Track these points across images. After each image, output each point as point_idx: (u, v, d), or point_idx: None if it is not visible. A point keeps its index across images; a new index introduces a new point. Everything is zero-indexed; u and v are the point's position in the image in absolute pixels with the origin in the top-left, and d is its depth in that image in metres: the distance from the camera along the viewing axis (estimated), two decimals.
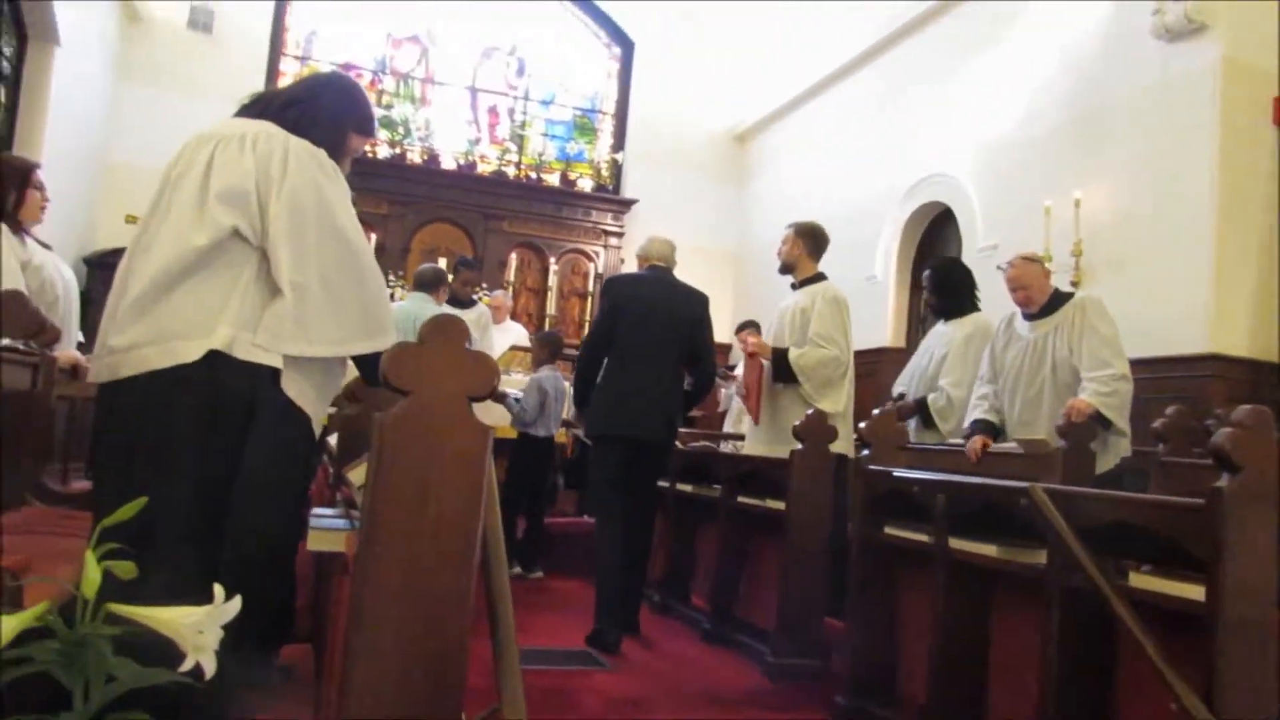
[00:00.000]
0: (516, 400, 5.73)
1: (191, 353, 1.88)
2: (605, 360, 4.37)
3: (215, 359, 1.89)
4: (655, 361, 4.31)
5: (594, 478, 4.46)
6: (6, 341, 2.71)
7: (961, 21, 6.89)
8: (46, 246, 3.42)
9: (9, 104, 6.81)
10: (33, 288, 3.13)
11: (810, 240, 4.60)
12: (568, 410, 6.44)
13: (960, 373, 4.44)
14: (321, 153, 2.08)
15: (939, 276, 4.71)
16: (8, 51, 6.72)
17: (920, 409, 4.54)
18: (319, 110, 2.16)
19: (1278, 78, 4.88)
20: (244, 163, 1.98)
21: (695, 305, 4.47)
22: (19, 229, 3.22)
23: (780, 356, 4.42)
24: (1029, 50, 6.18)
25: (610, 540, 4.21)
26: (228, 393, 1.90)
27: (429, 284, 5.72)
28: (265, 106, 2.15)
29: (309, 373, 2.00)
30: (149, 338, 1.89)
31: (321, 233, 2.00)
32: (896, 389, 4.84)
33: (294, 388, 1.97)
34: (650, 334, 4.31)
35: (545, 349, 6.04)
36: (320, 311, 1.97)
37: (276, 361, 1.93)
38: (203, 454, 1.87)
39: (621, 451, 4.26)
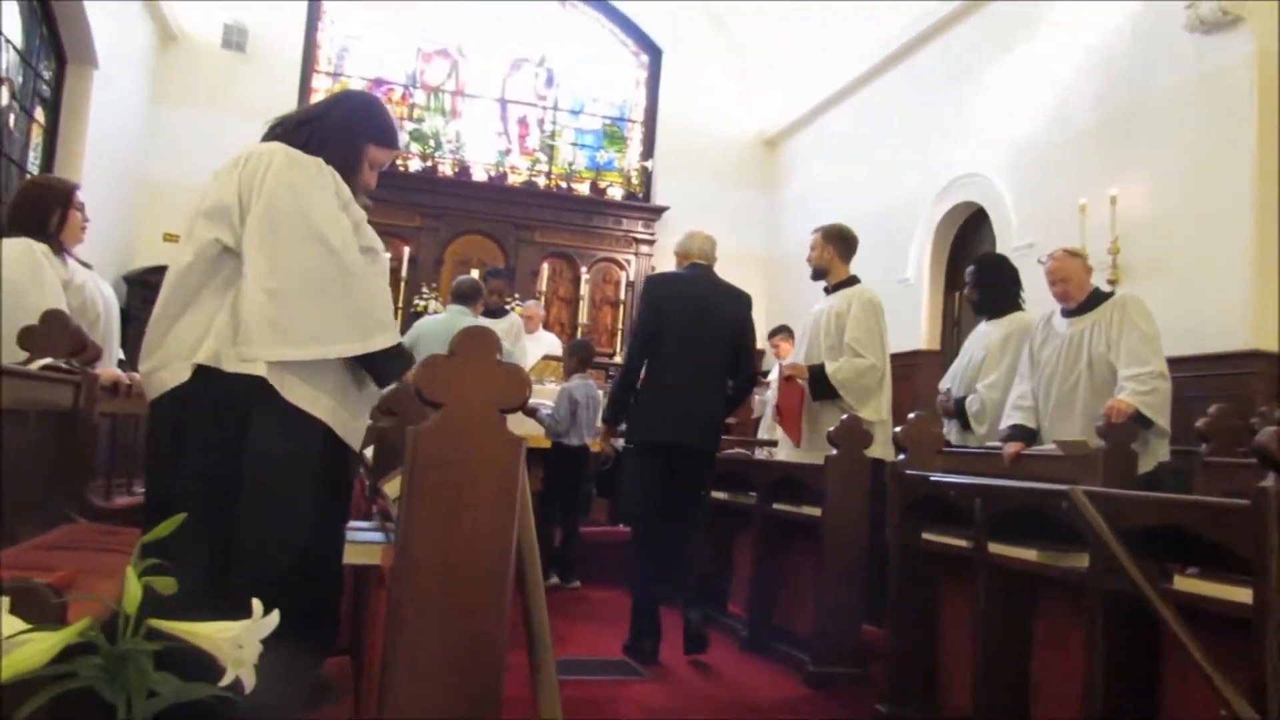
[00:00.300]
0: (548, 415, 5.74)
1: (185, 372, 1.97)
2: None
3: (209, 374, 1.96)
4: (699, 364, 4.13)
5: (631, 488, 4.38)
6: (49, 360, 2.76)
7: (990, 20, 6.83)
8: (87, 265, 3.48)
9: (49, 126, 6.95)
10: (74, 306, 3.18)
11: (840, 243, 4.56)
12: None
13: (996, 375, 4.39)
14: (308, 159, 2.09)
15: (984, 271, 4.66)
16: (47, 75, 6.86)
17: (959, 411, 4.50)
18: (331, 127, 2.20)
19: None
20: (230, 180, 2.05)
21: (740, 305, 4.31)
22: (61, 249, 3.28)
23: (818, 374, 4.35)
24: (1059, 47, 6.11)
25: (646, 551, 4.11)
26: (221, 405, 1.94)
27: (466, 296, 5.68)
28: (282, 128, 2.21)
29: (313, 376, 1.99)
30: (163, 361, 2.01)
31: (296, 235, 2.00)
32: (943, 385, 4.79)
33: (294, 392, 1.96)
34: (694, 335, 4.13)
35: (575, 357, 6.03)
36: (299, 314, 1.96)
37: (260, 370, 1.94)
38: (206, 467, 1.93)
39: (662, 460, 4.13)
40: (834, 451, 3.94)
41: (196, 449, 1.95)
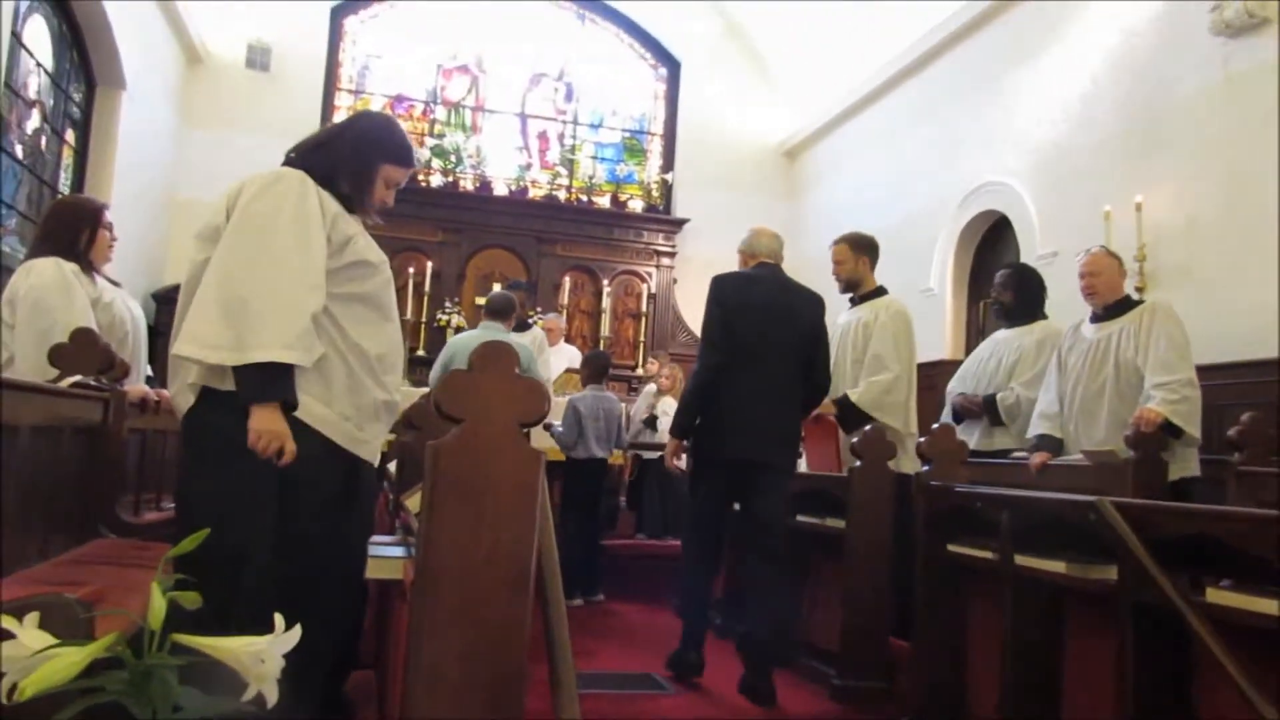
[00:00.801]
0: (558, 429, 5.70)
1: (190, 396, 2.07)
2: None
3: (209, 395, 2.05)
4: (772, 373, 3.80)
5: (691, 508, 3.99)
6: (78, 377, 2.80)
7: (1010, 27, 6.80)
8: (115, 284, 3.52)
9: (79, 148, 7.06)
10: (102, 324, 3.21)
11: (870, 252, 4.53)
12: (630, 430, 6.45)
13: (1033, 375, 4.36)
14: (289, 174, 2.12)
15: (1020, 276, 4.67)
16: (77, 98, 6.97)
17: (990, 408, 4.46)
18: (342, 148, 2.26)
19: None
20: (221, 202, 2.12)
21: (815, 308, 3.98)
22: (90, 268, 3.32)
23: (844, 405, 4.28)
24: (1081, 52, 6.07)
25: (691, 562, 3.93)
26: (222, 421, 2.01)
27: (499, 311, 5.59)
28: (297, 154, 2.26)
29: (306, 383, 2.04)
30: (176, 386, 2.09)
31: (236, 236, 2.02)
32: (953, 388, 4.76)
33: (215, 397, 2.02)
34: (767, 342, 3.80)
35: (587, 369, 6.01)
36: (205, 312, 1.98)
37: (194, 377, 2.03)
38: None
39: (727, 478, 3.83)
40: (858, 463, 3.91)
41: (204, 468, 2.03)
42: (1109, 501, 2.30)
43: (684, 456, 4.02)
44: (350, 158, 2.25)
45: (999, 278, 4.75)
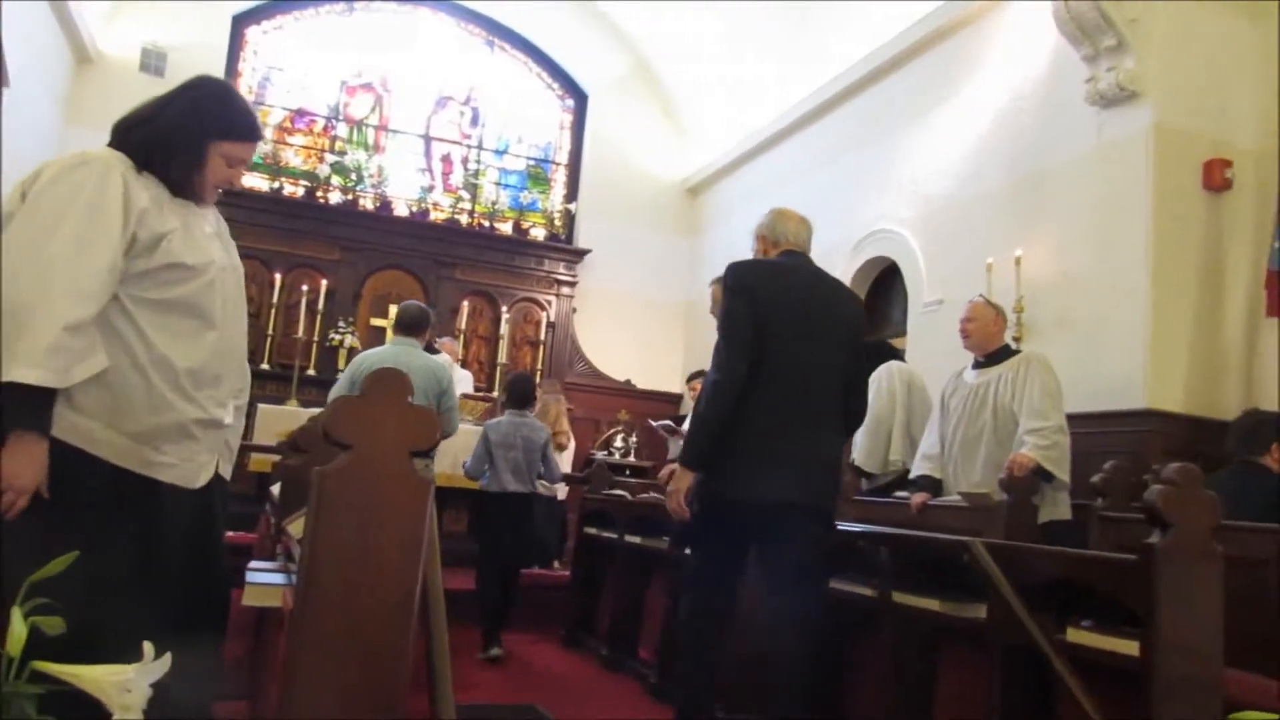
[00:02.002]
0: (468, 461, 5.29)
1: None
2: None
3: None
4: (815, 387, 2.98)
5: (696, 568, 3.08)
6: None
7: (907, 82, 7.08)
8: None
9: None
10: None
11: None
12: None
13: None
14: (92, 157, 1.89)
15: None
16: None
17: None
18: (163, 127, 1.99)
19: (1207, 143, 5.09)
20: (18, 190, 1.90)
21: (856, 306, 3.26)
22: None
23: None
24: (970, 113, 6.36)
25: (706, 657, 2.99)
26: None
27: (412, 326, 4.93)
28: (116, 133, 2.01)
29: (83, 397, 1.82)
30: None
31: (17, 229, 1.80)
32: None
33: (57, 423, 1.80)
34: (807, 346, 2.98)
35: (507, 393, 5.45)
36: None
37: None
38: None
39: (750, 527, 2.92)
40: None
41: None
42: (980, 542, 2.40)
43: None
44: (176, 135, 1.97)
45: None
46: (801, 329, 2.97)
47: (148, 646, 1.20)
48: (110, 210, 1.84)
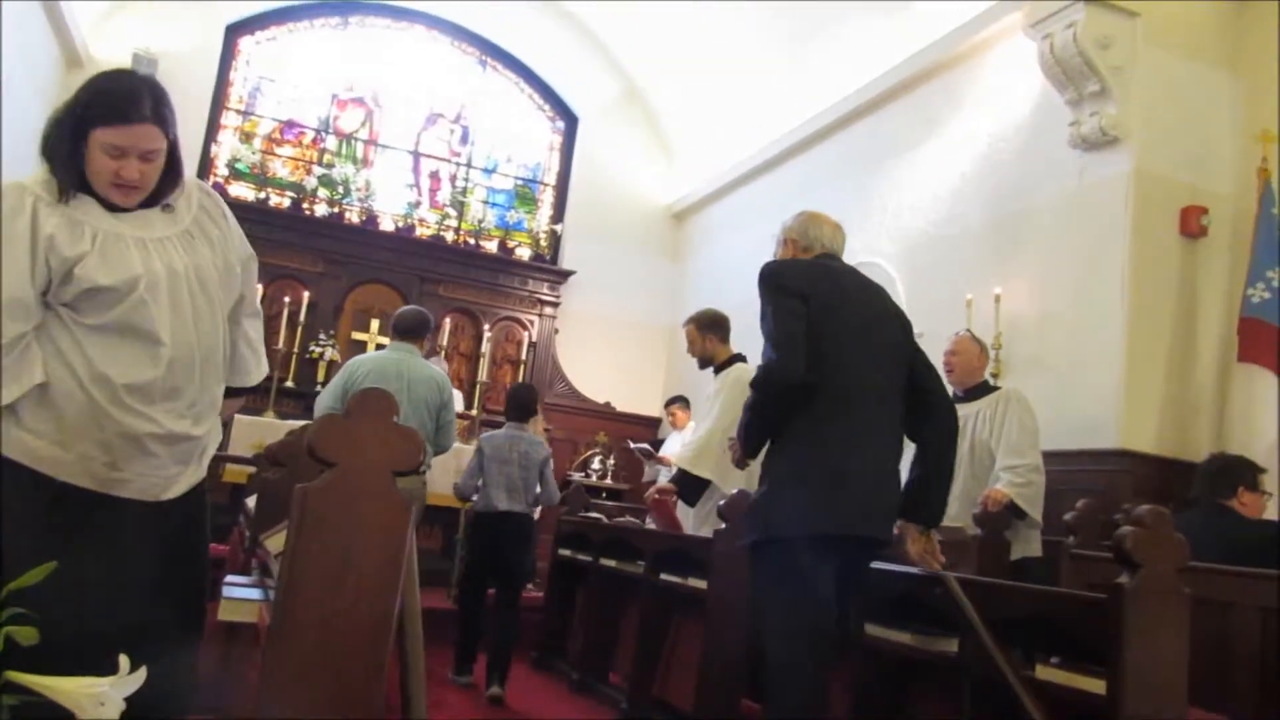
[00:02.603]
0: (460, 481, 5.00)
1: None
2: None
3: None
4: (879, 403, 2.64)
5: (781, 618, 2.51)
6: None
7: (893, 118, 7.18)
8: None
9: None
10: None
11: (715, 329, 4.51)
12: None
13: None
14: (10, 186, 1.88)
15: None
16: None
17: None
18: (49, 131, 1.95)
19: (1185, 190, 5.19)
20: None
21: (905, 315, 2.96)
22: None
23: (681, 477, 4.28)
24: (955, 151, 6.45)
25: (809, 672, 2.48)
26: None
27: (412, 330, 4.63)
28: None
29: (28, 412, 1.83)
30: None
31: None
32: None
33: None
34: (867, 357, 2.64)
35: (509, 404, 5.05)
36: None
37: None
38: None
39: (836, 563, 2.53)
40: (722, 525, 3.98)
41: None
42: (953, 577, 2.42)
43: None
44: (54, 133, 1.92)
45: None
46: (861, 340, 2.62)
47: (123, 659, 1.20)
48: (16, 241, 1.81)
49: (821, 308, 2.59)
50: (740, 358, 4.53)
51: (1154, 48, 5.24)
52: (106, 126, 1.86)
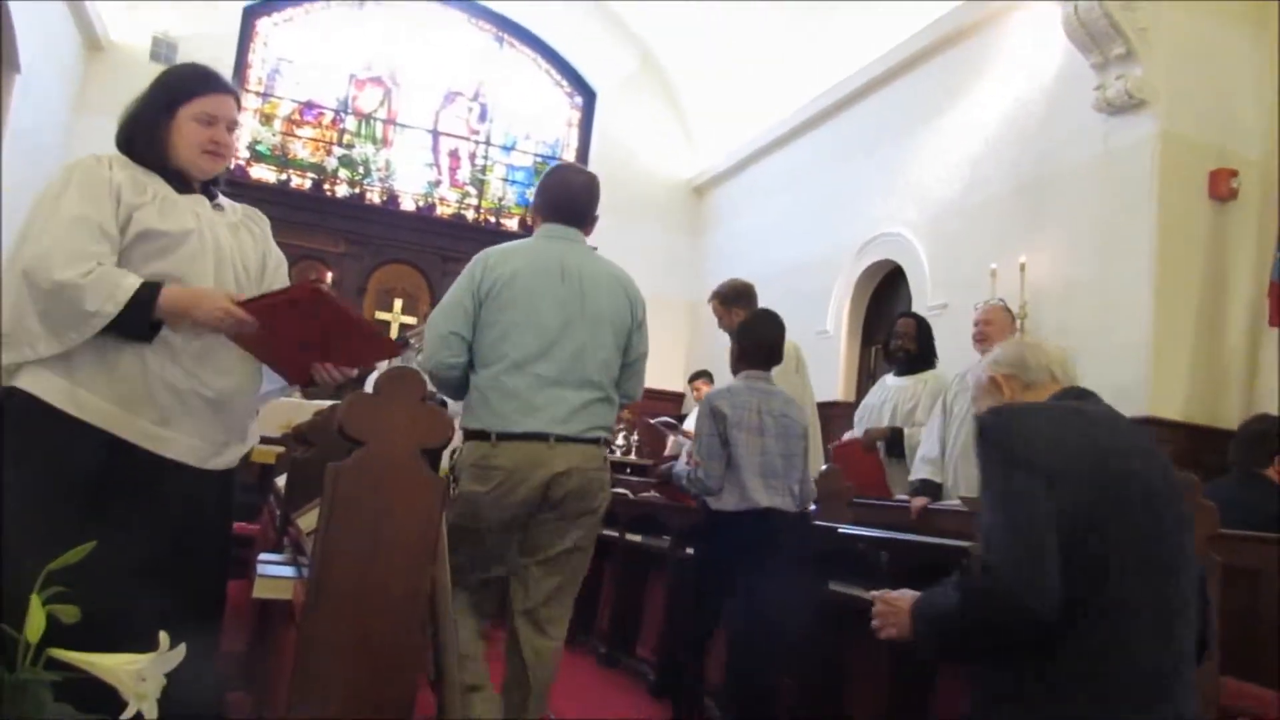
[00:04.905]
0: (682, 467, 3.43)
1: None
2: None
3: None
4: (1180, 628, 1.64)
5: None
6: None
7: (914, 87, 7.10)
8: None
9: None
10: None
11: (740, 301, 4.38)
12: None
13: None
14: (85, 158, 2.02)
15: (921, 326, 4.84)
16: None
17: (893, 441, 4.60)
18: (136, 112, 2.11)
19: (1214, 153, 5.10)
20: None
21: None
22: None
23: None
24: (977, 119, 6.38)
25: None
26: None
27: (579, 209, 2.92)
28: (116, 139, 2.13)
29: (70, 370, 1.91)
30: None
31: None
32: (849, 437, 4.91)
33: (50, 391, 1.89)
34: (1159, 566, 1.61)
35: (743, 344, 3.44)
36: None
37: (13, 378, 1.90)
38: None
39: None
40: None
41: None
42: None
43: None
44: (145, 113, 2.08)
45: (902, 325, 4.91)
46: (1150, 537, 1.61)
47: (163, 635, 1.22)
48: (99, 183, 1.94)
49: (1094, 501, 1.60)
50: None
51: (1179, 7, 5.14)
52: (201, 97, 2.06)
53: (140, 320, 1.87)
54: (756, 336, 3.42)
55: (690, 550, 4.00)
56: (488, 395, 2.60)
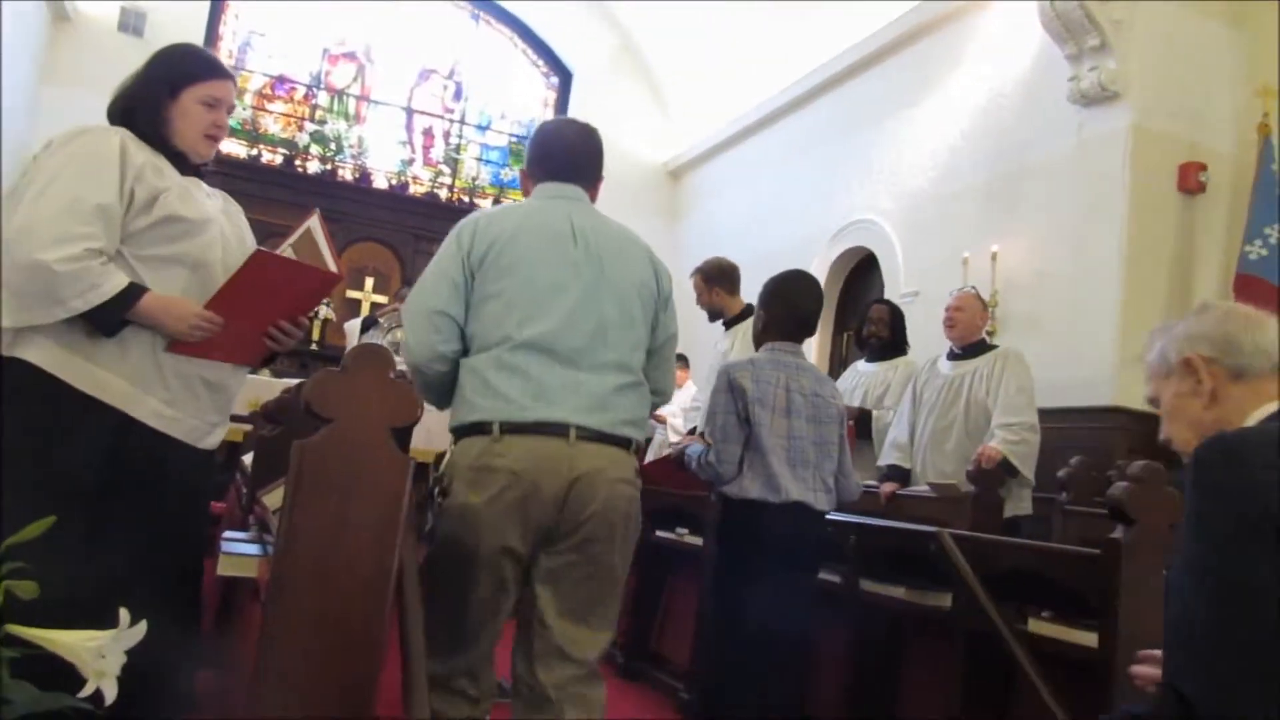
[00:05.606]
0: (694, 449, 2.84)
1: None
2: None
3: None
4: None
5: None
6: None
7: (891, 75, 7.11)
8: None
9: None
10: None
11: (722, 280, 4.41)
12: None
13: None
14: (94, 128, 2.00)
15: (894, 313, 4.85)
16: None
17: (861, 422, 4.60)
18: (138, 89, 2.08)
19: (1184, 146, 5.15)
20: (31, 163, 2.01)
21: None
22: None
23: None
24: (952, 108, 6.39)
25: None
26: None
27: (584, 164, 2.65)
28: (108, 117, 2.10)
29: (82, 346, 1.90)
30: None
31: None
32: None
33: (61, 366, 1.88)
34: None
35: (771, 314, 2.93)
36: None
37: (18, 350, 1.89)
38: None
39: None
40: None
41: None
42: (948, 533, 2.44)
43: None
44: (150, 90, 2.06)
45: (875, 312, 4.91)
46: None
47: (124, 612, 1.21)
48: (107, 161, 1.91)
49: None
50: (753, 309, 4.39)
51: (1155, 1, 5.18)
52: (206, 81, 2.07)
53: (111, 320, 1.88)
54: (790, 304, 2.87)
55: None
56: (487, 376, 1.96)
